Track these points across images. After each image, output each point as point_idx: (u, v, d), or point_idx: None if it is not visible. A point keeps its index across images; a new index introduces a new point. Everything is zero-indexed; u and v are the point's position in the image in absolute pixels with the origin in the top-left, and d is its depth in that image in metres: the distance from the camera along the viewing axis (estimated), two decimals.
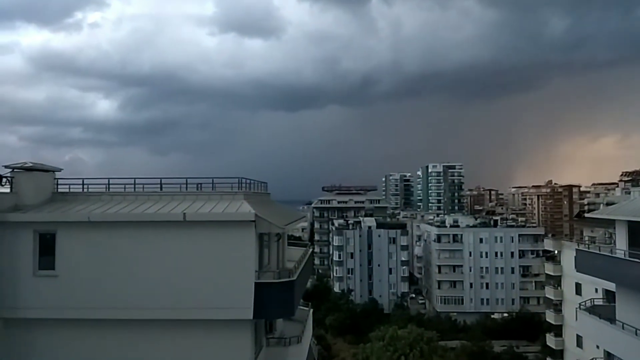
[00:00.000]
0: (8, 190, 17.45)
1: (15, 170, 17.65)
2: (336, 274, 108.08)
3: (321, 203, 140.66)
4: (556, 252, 60.34)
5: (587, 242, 34.75)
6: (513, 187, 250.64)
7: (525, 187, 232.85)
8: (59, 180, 19.31)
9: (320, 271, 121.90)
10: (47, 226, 16.66)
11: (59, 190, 19.13)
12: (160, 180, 19.30)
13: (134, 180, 19.21)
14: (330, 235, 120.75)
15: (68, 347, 16.47)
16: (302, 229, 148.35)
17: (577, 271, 29.51)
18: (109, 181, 19.30)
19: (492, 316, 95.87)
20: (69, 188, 19.29)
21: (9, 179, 17.52)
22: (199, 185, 19.67)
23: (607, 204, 67.47)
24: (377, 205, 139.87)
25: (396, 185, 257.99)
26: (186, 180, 19.51)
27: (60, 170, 19.51)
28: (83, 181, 19.33)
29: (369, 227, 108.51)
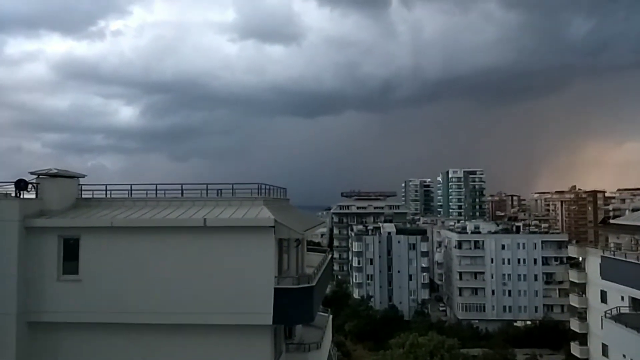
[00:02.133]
0: (33, 196, 17.82)
1: (40, 176, 18.03)
2: (355, 280, 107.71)
3: (340, 209, 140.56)
4: (581, 259, 59.07)
5: (612, 248, 34.05)
6: (536, 193, 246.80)
7: (549, 192, 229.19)
8: (82, 186, 19.69)
9: (339, 277, 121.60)
10: (71, 231, 16.96)
11: (83, 196, 19.48)
12: (181, 186, 19.54)
13: (156, 187, 19.46)
14: (350, 241, 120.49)
15: (91, 350, 16.70)
16: (322, 235, 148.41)
17: (603, 278, 28.96)
18: (131, 187, 19.57)
19: (515, 324, 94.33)
20: (93, 194, 19.63)
21: (34, 185, 17.89)
22: (219, 191, 19.83)
23: (633, 210, 65.95)
24: (397, 211, 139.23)
25: (416, 191, 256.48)
26: (206, 186, 19.70)
27: (84, 176, 19.88)
28: (106, 187, 19.67)
29: (389, 233, 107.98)
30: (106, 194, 19.61)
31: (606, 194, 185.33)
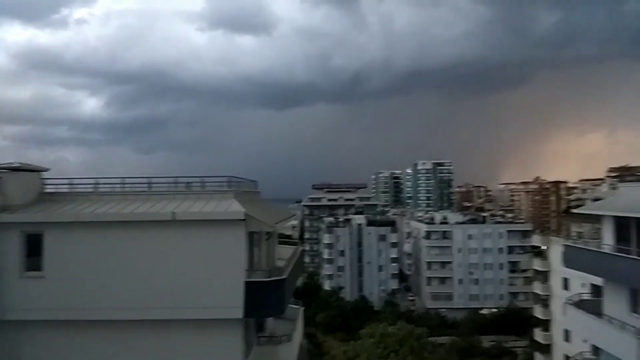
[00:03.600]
0: None
1: (1, 170, 17.44)
2: (326, 271, 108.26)
3: (311, 201, 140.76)
4: (544, 247, 60.98)
5: (574, 237, 35.17)
6: (501, 184, 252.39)
7: (514, 183, 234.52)
8: (46, 180, 19.14)
9: (310, 269, 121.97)
10: (34, 227, 16.50)
11: (46, 190, 18.95)
12: (149, 180, 19.19)
13: (123, 180, 19.09)
14: (321, 233, 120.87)
15: (56, 348, 16.34)
16: (293, 227, 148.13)
17: (565, 266, 29.86)
18: (97, 181, 19.15)
19: (481, 312, 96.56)
20: (57, 188, 19.12)
21: None
22: (188, 184, 19.60)
23: (594, 200, 68.34)
24: (367, 202, 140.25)
25: (386, 183, 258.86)
26: (175, 180, 19.43)
27: (47, 170, 19.32)
28: (71, 181, 19.18)
29: (359, 225, 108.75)
30: (70, 188, 19.12)
31: (569, 185, 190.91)
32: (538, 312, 60.56)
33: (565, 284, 50.17)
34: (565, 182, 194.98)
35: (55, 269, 16.31)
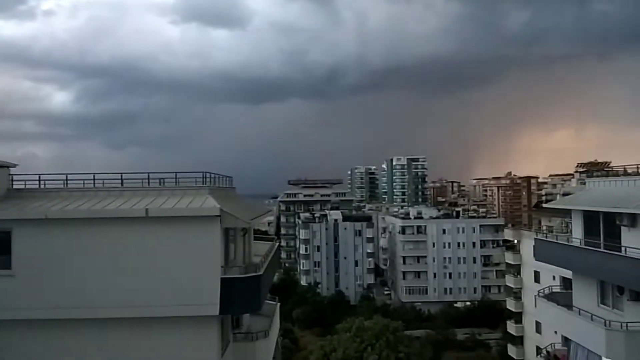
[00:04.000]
0: None
1: None
2: (303, 267, 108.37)
3: (287, 197, 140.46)
4: (516, 241, 62.13)
5: (545, 231, 35.90)
6: (474, 179, 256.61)
7: (486, 178, 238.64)
8: (13, 176, 18.59)
9: (287, 265, 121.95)
10: (2, 224, 16.00)
11: (14, 186, 18.41)
12: (121, 176, 18.80)
13: (94, 176, 18.68)
14: (297, 228, 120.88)
15: (26, 348, 15.93)
16: (269, 223, 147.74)
17: (536, 260, 30.50)
18: (67, 177, 18.66)
19: (455, 305, 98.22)
20: (25, 184, 18.59)
21: None
22: (162, 180, 19.26)
23: (564, 195, 69.92)
24: (343, 198, 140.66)
25: (361, 178, 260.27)
26: (148, 175, 19.04)
27: (15, 165, 18.74)
28: (39, 177, 18.67)
29: (335, 220, 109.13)
30: (40, 184, 18.61)
31: (539, 180, 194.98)
32: (510, 305, 61.71)
33: (537, 277, 51.21)
34: (535, 177, 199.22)
35: (25, 267, 15.85)
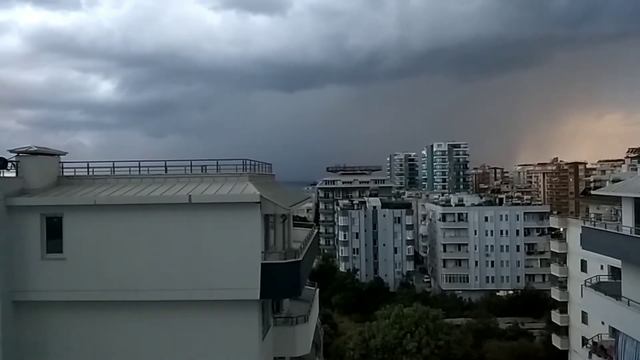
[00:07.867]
0: (14, 174, 17.48)
1: (20, 154, 17.67)
2: (342, 253, 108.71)
3: (326, 184, 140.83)
4: (562, 229, 60.24)
5: (593, 219, 34.67)
6: (518, 165, 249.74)
7: (531, 165, 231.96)
8: (63, 164, 19.37)
9: (325, 251, 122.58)
10: (53, 210, 16.74)
11: (64, 174, 19.19)
12: (165, 163, 19.29)
13: (139, 163, 19.20)
14: (336, 215, 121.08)
15: (77, 328, 16.68)
16: (308, 210, 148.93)
17: (583, 248, 29.50)
18: (113, 164, 19.30)
19: (498, 294, 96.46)
20: (74, 171, 19.35)
21: (14, 163, 17.54)
22: (204, 167, 19.66)
23: (614, 181, 67.23)
24: (382, 185, 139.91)
25: (401, 165, 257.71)
26: (191, 163, 19.51)
27: (65, 153, 19.54)
28: (88, 164, 19.38)
29: (374, 207, 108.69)
30: (88, 171, 19.33)
31: (587, 166, 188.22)
32: (555, 294, 60.07)
33: (583, 266, 49.62)
34: (583, 163, 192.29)
35: (75, 251, 16.58)
